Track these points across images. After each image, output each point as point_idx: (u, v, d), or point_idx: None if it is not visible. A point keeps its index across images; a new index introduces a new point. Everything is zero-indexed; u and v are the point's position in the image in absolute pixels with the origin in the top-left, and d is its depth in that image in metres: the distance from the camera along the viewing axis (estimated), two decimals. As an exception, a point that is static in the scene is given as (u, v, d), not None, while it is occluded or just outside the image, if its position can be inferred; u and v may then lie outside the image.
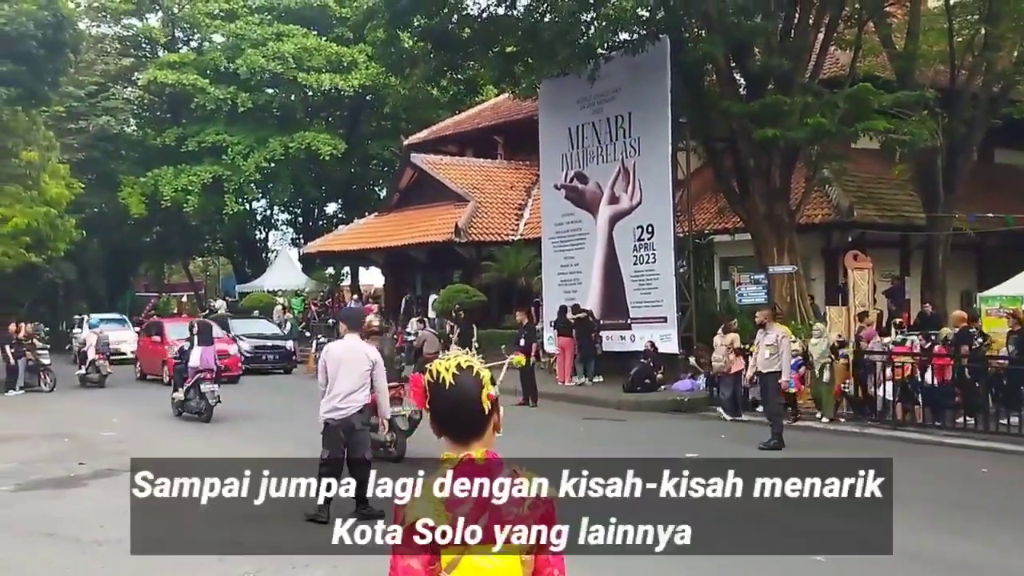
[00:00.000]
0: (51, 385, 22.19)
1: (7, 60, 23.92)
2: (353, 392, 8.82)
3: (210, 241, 43.63)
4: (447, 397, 2.31)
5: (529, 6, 18.98)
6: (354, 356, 8.94)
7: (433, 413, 2.36)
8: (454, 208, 26.97)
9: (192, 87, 34.39)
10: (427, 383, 2.35)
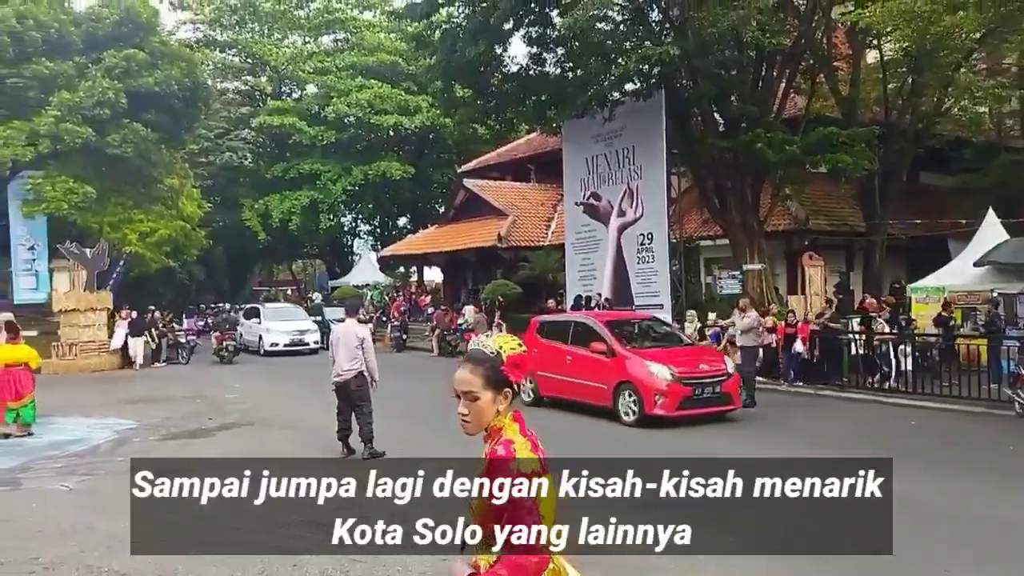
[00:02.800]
0: (187, 358, 22.86)
1: (157, 112, 24.75)
2: (347, 363, 9.22)
3: (308, 247, 43.93)
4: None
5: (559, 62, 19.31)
6: (347, 336, 9.34)
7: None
8: (497, 221, 27.32)
9: (293, 127, 34.79)
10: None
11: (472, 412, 2.27)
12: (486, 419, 2.28)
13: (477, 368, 2.25)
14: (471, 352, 2.34)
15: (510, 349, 2.30)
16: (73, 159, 22.78)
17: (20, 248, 24.62)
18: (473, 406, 2.26)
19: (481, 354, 2.28)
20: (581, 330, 12.91)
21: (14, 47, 22.36)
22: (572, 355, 12.61)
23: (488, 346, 2.30)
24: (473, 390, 2.25)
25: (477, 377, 2.26)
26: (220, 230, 35.25)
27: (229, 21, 39.26)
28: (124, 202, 24.95)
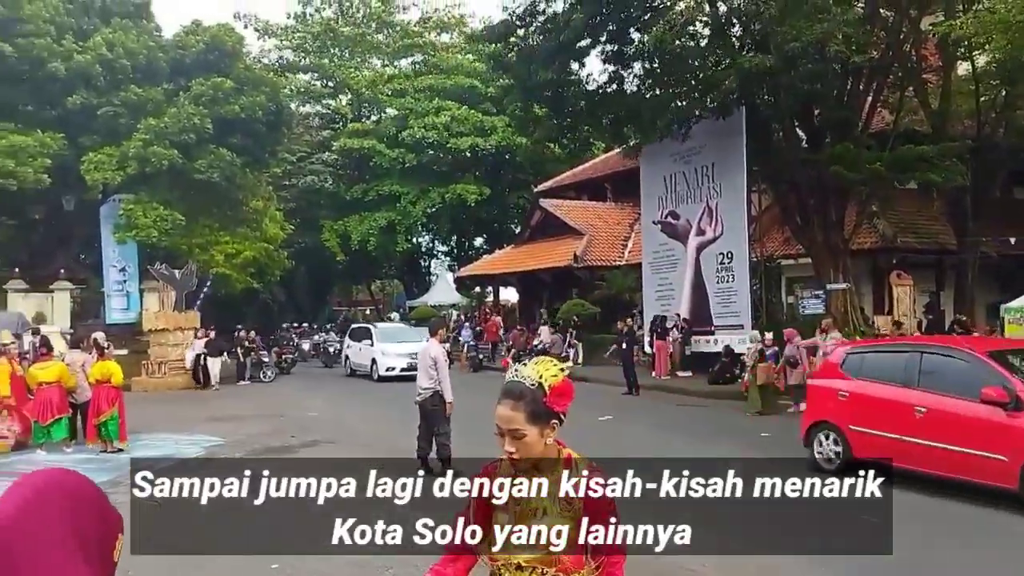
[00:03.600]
0: (271, 377, 23.37)
1: (242, 136, 25.72)
2: (425, 382, 9.40)
3: (386, 268, 44.45)
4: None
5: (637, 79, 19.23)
6: (424, 355, 9.55)
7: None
8: (573, 240, 27.31)
9: (372, 150, 35.47)
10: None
11: (520, 449, 2.15)
12: (536, 453, 2.17)
13: (519, 404, 2.12)
14: (509, 386, 2.18)
15: (551, 377, 2.16)
16: (161, 182, 23.72)
17: (112, 270, 25.86)
18: (520, 443, 2.14)
19: (520, 387, 2.14)
20: (943, 365, 8.60)
21: (105, 75, 23.59)
22: (926, 405, 8.35)
23: (528, 377, 2.16)
24: (517, 427, 2.13)
25: (520, 413, 2.12)
26: (301, 251, 36.05)
27: (312, 46, 40.55)
28: (211, 224, 25.88)
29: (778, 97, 16.96)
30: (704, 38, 17.88)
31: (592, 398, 17.36)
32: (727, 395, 16.61)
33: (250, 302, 35.20)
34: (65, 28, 23.87)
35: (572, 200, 31.10)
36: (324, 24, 40.23)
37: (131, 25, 25.12)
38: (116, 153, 22.97)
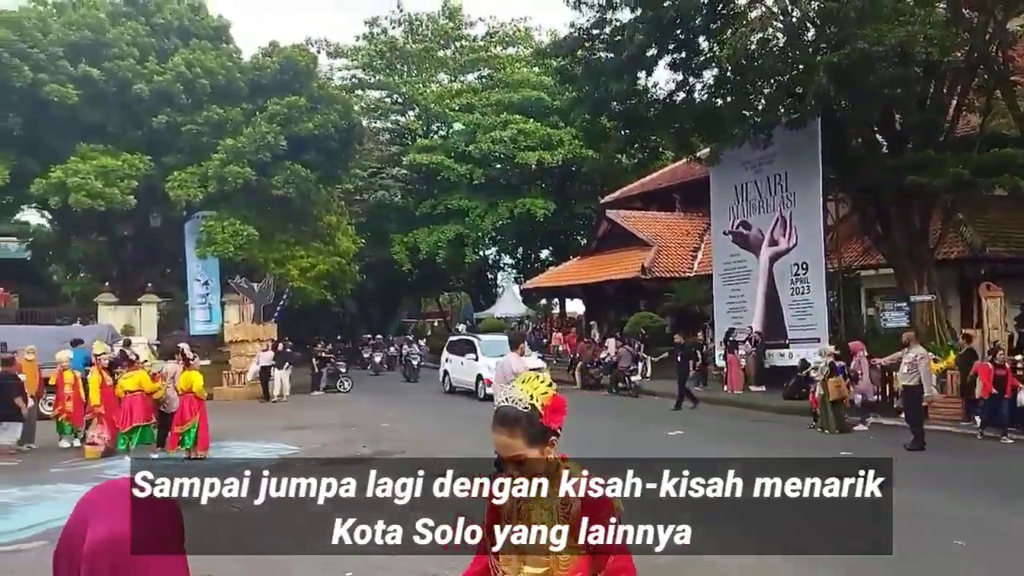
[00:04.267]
0: (348, 388, 23.44)
1: (316, 153, 26.31)
2: (498, 394, 9.37)
3: (454, 280, 44.68)
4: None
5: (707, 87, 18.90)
6: (505, 368, 9.72)
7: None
8: (640, 251, 26.99)
9: (440, 165, 35.78)
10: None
11: (523, 472, 2.14)
12: (538, 472, 2.15)
13: (515, 430, 2.09)
14: (502, 412, 2.13)
15: (542, 396, 2.12)
16: (239, 200, 24.47)
17: (195, 283, 26.73)
18: (523, 467, 2.13)
19: (514, 412, 2.10)
20: None
21: (187, 94, 24.46)
22: None
23: (519, 399, 2.12)
24: (518, 453, 2.10)
25: (517, 439, 2.10)
26: (372, 264, 36.50)
27: (379, 64, 41.30)
28: (287, 239, 26.52)
29: (857, 102, 16.39)
30: (778, 44, 17.44)
31: (661, 412, 17.06)
32: (802, 411, 16.04)
33: (324, 314, 35.87)
34: (147, 50, 24.82)
35: (640, 211, 30.77)
36: (390, 42, 40.92)
37: (209, 46, 26.01)
38: (198, 172, 23.77)
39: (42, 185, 22.17)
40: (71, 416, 13.36)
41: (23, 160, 23.02)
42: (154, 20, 25.86)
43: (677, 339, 18.92)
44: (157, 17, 25.93)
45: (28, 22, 22.94)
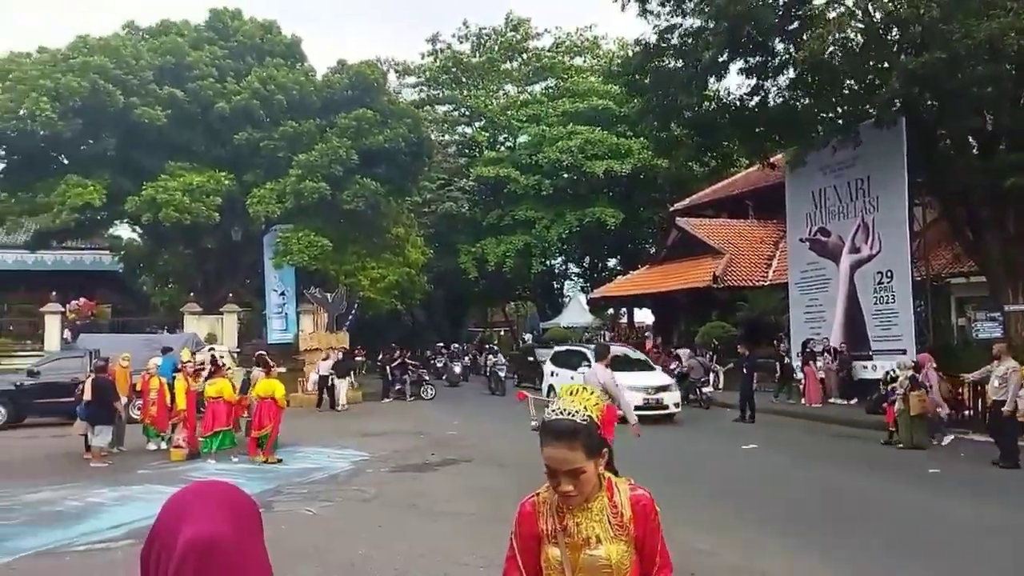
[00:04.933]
0: (431, 395, 23.36)
1: (387, 166, 26.71)
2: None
3: (520, 290, 44.67)
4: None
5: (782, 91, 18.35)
6: (592, 381, 9.32)
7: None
8: (711, 260, 26.39)
9: (507, 177, 35.87)
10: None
11: (578, 486, 2.01)
12: (592, 487, 2.06)
13: (575, 441, 1.98)
14: (559, 424, 2.01)
15: (595, 407, 2.05)
16: (313, 213, 25.06)
17: (272, 294, 27.42)
18: (579, 480, 2.01)
19: (573, 424, 1.99)
20: None
21: (264, 110, 25.15)
22: None
23: (574, 411, 2.02)
24: (578, 466, 1.99)
25: (578, 452, 1.98)
26: (439, 274, 36.83)
27: (445, 80, 41.73)
28: (358, 251, 27.03)
29: (944, 102, 15.65)
30: (857, 44, 16.80)
31: (736, 425, 16.54)
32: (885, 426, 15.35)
33: (393, 323, 36.30)
34: (226, 71, 25.71)
35: (711, 218, 30.13)
36: (455, 57, 41.31)
37: (282, 63, 26.74)
38: (276, 188, 24.44)
39: (135, 202, 23.13)
40: (155, 420, 13.76)
41: (116, 179, 24.08)
42: (231, 42, 26.76)
43: (741, 350, 18.35)
44: (233, 40, 26.83)
45: (124, 49, 23.98)
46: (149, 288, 34.19)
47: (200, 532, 1.22)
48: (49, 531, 8.04)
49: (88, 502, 9.53)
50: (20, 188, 24.35)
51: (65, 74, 23.00)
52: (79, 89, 22.60)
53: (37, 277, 28.91)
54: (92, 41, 24.72)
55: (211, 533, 1.23)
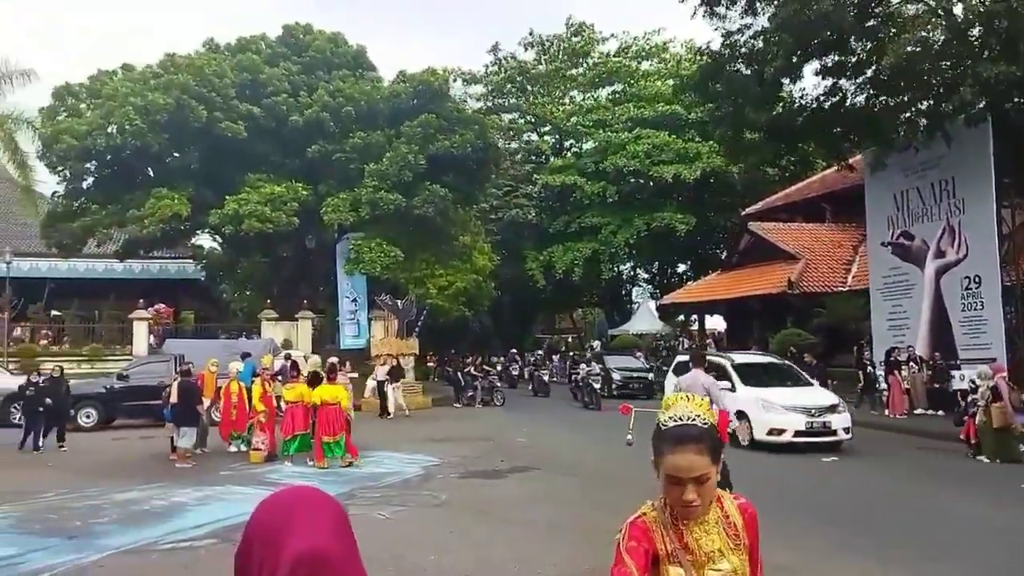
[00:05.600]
0: (502, 401, 23.45)
1: (454, 174, 26.93)
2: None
3: (588, 296, 44.41)
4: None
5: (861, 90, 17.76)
6: (695, 385, 9.64)
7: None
8: (786, 265, 25.68)
9: (572, 185, 35.75)
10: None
11: (703, 494, 1.93)
12: (713, 495, 1.98)
13: (702, 446, 1.91)
14: (686, 430, 1.93)
15: (708, 413, 1.99)
16: (385, 222, 25.48)
17: (345, 300, 27.98)
18: (703, 488, 1.93)
19: (698, 429, 1.93)
20: None
21: (334, 122, 25.75)
22: None
23: (694, 415, 1.95)
24: (705, 472, 1.92)
25: (705, 456, 1.92)
26: (506, 281, 36.87)
27: (510, 88, 41.88)
28: (427, 258, 27.31)
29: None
30: (938, 42, 16.14)
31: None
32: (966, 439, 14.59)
33: (462, 330, 36.52)
34: (299, 86, 26.51)
35: (785, 223, 29.34)
36: (519, 66, 41.40)
37: (348, 74, 27.31)
38: (349, 198, 24.98)
39: (219, 215, 24.00)
40: (234, 423, 14.17)
41: (199, 190, 25.05)
42: (303, 57, 27.55)
43: (808, 359, 17.73)
44: (305, 55, 27.59)
45: (207, 68, 24.96)
46: (229, 295, 35.41)
47: (312, 546, 1.22)
48: (136, 530, 8.34)
49: (173, 502, 9.86)
50: (110, 200, 25.52)
51: (152, 91, 24.06)
52: (165, 105, 23.59)
53: (126, 285, 30.20)
54: (178, 60, 25.80)
55: (323, 548, 1.23)
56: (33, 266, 29.70)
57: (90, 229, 25.72)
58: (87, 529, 8.37)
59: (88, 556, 7.26)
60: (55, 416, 14.81)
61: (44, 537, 8.01)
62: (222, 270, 31.81)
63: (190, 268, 32.13)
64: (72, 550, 7.46)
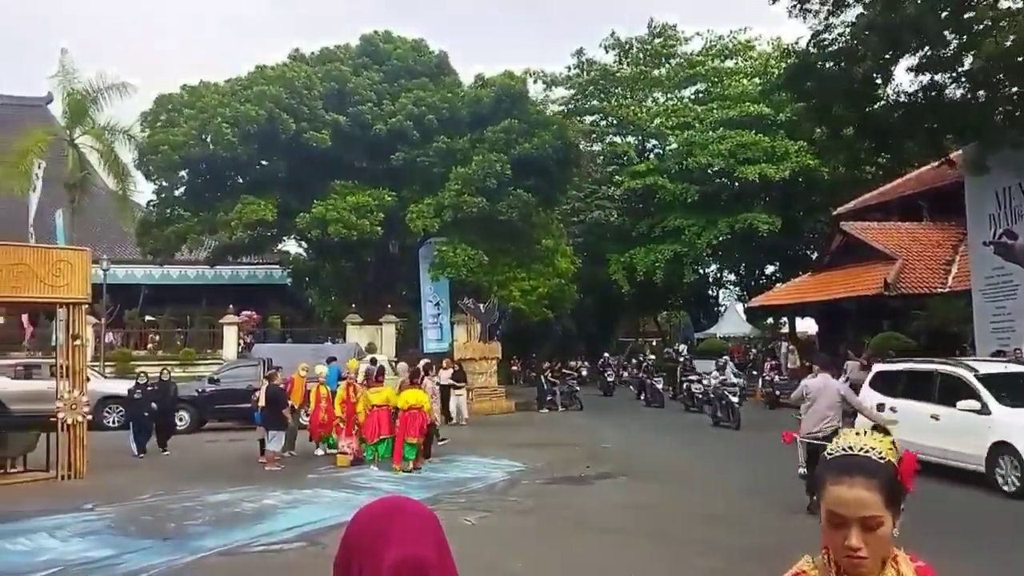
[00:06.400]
0: (580, 406, 23.38)
1: (536, 177, 26.92)
2: (830, 415, 9.24)
3: (672, 299, 43.65)
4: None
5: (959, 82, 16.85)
6: (826, 391, 9.39)
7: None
8: (882, 266, 24.54)
9: (654, 185, 35.09)
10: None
11: (872, 544, 1.55)
12: (886, 550, 1.60)
13: (873, 481, 1.56)
14: (853, 459, 1.61)
15: (889, 450, 1.62)
16: (469, 226, 25.68)
17: (428, 304, 28.32)
18: (873, 536, 1.55)
19: (870, 461, 1.59)
20: None
21: (417, 129, 26.12)
22: None
23: (868, 448, 1.62)
24: (875, 513, 1.55)
25: (876, 495, 1.56)
26: (588, 284, 36.56)
27: (592, 91, 41.56)
28: (509, 262, 27.39)
29: None
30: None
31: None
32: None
33: (544, 333, 36.47)
34: (382, 94, 27.01)
35: (879, 222, 28.09)
36: (602, 69, 41.05)
37: (427, 82, 27.64)
38: (433, 202, 25.29)
39: (305, 219, 24.70)
40: (323, 426, 14.47)
41: (285, 197, 25.79)
42: (385, 66, 28.05)
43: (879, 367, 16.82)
44: (387, 64, 28.08)
45: (297, 81, 25.76)
46: (314, 299, 36.34)
47: (410, 554, 1.26)
48: (229, 531, 8.59)
49: (263, 504, 10.12)
50: (201, 208, 26.60)
51: (243, 103, 24.96)
52: (256, 117, 24.45)
53: (216, 290, 31.37)
54: (268, 72, 26.71)
55: (421, 555, 1.26)
56: (129, 272, 31.00)
57: (182, 236, 26.78)
58: (181, 530, 8.67)
59: (183, 558, 7.50)
60: (162, 420, 15.11)
61: (140, 538, 8.33)
62: (308, 275, 32.69)
63: (277, 273, 33.15)
64: (167, 551, 7.73)
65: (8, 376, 19.88)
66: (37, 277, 12.01)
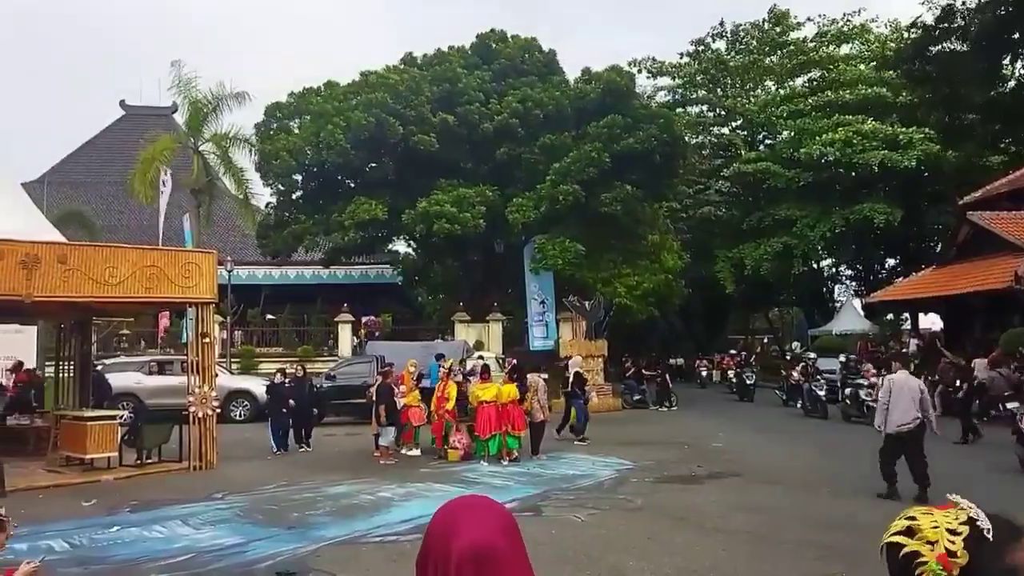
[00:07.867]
0: (674, 404, 23.26)
1: (640, 171, 26.61)
2: (913, 411, 9.77)
3: (784, 295, 42.13)
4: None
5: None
6: (909, 387, 9.91)
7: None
8: (1013, 258, 22.87)
9: (766, 171, 33.80)
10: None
11: None
12: None
13: None
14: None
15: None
16: (568, 220, 25.72)
17: (533, 302, 28.48)
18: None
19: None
20: None
21: (522, 127, 26.30)
22: None
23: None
24: None
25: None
26: (696, 280, 35.92)
27: (702, 80, 40.56)
28: (614, 258, 27.23)
29: None
30: None
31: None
32: None
33: (650, 330, 36.02)
34: (490, 93, 27.37)
35: (1011, 211, 26.18)
36: (716, 58, 39.96)
37: (536, 80, 27.74)
38: (533, 197, 25.43)
39: (411, 215, 25.35)
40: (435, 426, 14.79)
41: (395, 199, 26.54)
42: (494, 65, 28.37)
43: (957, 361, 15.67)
44: (496, 63, 28.39)
45: (401, 86, 26.46)
46: (423, 298, 37.23)
47: (477, 539, 1.30)
48: (348, 523, 8.95)
49: (379, 496, 10.48)
50: (316, 211, 27.74)
51: (353, 110, 25.87)
52: (366, 124, 25.31)
53: (331, 290, 32.73)
54: (372, 79, 27.55)
55: (487, 541, 1.30)
56: (251, 273, 33.00)
57: (299, 237, 28.04)
58: (304, 520, 9.09)
59: (306, 546, 7.86)
60: (301, 416, 15.39)
61: (266, 527, 8.79)
62: (417, 274, 33.50)
63: (388, 273, 34.14)
64: (292, 540, 8.13)
65: (143, 372, 21.36)
66: (168, 278, 12.72)
